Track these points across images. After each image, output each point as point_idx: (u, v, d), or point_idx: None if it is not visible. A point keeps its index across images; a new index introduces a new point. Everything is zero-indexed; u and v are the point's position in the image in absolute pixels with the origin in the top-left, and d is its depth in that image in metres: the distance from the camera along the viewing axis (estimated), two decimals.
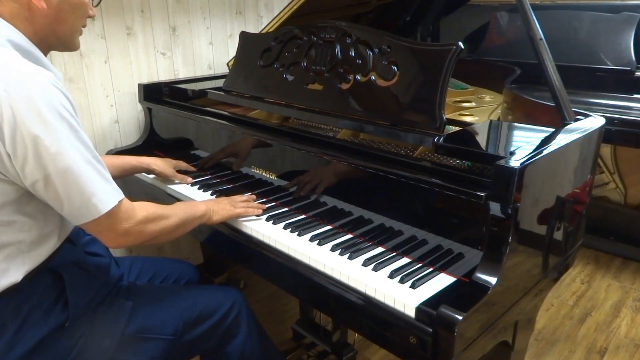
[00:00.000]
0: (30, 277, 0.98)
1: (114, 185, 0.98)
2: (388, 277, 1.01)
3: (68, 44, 1.05)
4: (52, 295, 1.02)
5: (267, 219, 1.29)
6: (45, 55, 1.01)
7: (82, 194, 0.92)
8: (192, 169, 1.63)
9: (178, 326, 1.16)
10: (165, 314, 1.16)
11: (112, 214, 0.96)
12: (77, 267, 1.07)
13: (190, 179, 1.55)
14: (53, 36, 1.00)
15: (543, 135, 1.10)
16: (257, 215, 1.30)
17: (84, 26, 1.06)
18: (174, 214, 1.12)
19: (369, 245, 1.14)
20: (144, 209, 1.05)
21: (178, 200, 1.50)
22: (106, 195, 0.95)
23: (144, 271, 1.35)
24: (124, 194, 1.02)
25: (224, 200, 1.31)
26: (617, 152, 2.49)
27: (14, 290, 0.96)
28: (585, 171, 1.21)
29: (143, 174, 1.67)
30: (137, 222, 1.02)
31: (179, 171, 1.58)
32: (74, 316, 1.04)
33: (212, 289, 1.35)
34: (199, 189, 1.51)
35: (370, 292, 0.99)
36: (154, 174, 1.56)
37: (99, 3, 1.11)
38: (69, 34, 1.03)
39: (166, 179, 1.56)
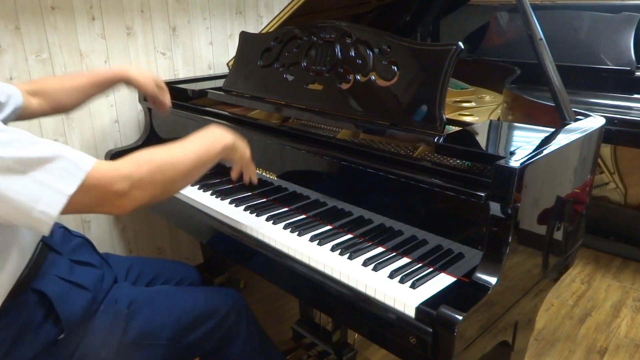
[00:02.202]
0: (13, 299, 0.94)
1: (59, 164, 0.77)
2: (388, 277, 1.01)
3: None
4: (41, 313, 0.98)
5: (267, 219, 1.29)
6: None
7: (24, 212, 0.76)
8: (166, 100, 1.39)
9: (175, 330, 1.13)
10: (162, 319, 1.14)
11: (85, 189, 0.79)
12: (64, 281, 1.02)
13: (168, 106, 1.36)
14: None
15: (543, 135, 1.10)
16: (256, 216, 1.31)
17: None
18: (183, 152, 0.95)
19: (369, 245, 1.14)
20: (132, 161, 0.87)
21: (178, 200, 1.50)
22: (50, 194, 0.76)
23: (144, 273, 1.33)
24: None
25: (243, 143, 1.15)
26: (617, 152, 2.49)
27: (2, 309, 0.92)
28: (585, 171, 1.21)
29: None
30: (127, 178, 0.84)
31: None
32: (68, 330, 1.00)
33: (211, 290, 1.32)
34: (199, 189, 1.50)
35: (370, 292, 0.99)
36: (132, 85, 1.32)
37: None
38: None
39: None
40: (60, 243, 1.08)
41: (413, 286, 0.97)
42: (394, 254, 1.09)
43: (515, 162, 0.91)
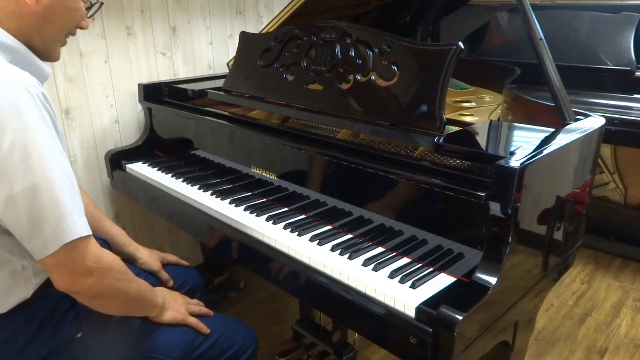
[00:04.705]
0: (43, 290, 0.96)
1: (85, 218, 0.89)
2: (388, 277, 1.01)
3: (49, 52, 0.98)
4: (65, 305, 1.01)
5: (267, 219, 1.29)
6: None
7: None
8: (183, 263, 1.46)
9: (188, 349, 1.11)
10: (177, 335, 1.12)
11: (76, 247, 0.86)
12: None
13: (172, 282, 1.36)
14: (37, 38, 0.93)
15: (543, 135, 1.10)
16: (256, 216, 1.30)
17: (73, 35, 1.01)
18: (137, 282, 1.03)
19: (369, 245, 1.14)
20: (112, 255, 0.96)
21: (178, 199, 1.50)
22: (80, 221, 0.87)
23: (150, 276, 1.33)
24: (125, 192, 0.99)
25: (179, 299, 1.19)
26: (617, 152, 2.49)
27: (25, 302, 0.95)
28: (585, 171, 1.21)
29: (142, 172, 1.67)
30: (102, 265, 0.91)
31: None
32: (86, 328, 1.02)
33: (229, 321, 1.26)
34: (199, 189, 1.51)
35: (370, 292, 0.99)
36: (136, 263, 1.35)
37: (93, 14, 1.05)
38: (53, 39, 0.96)
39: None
40: None
41: (413, 286, 0.97)
42: (394, 254, 1.09)
43: (515, 162, 0.91)
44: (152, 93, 1.85)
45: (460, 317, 0.84)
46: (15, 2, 0.89)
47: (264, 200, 1.40)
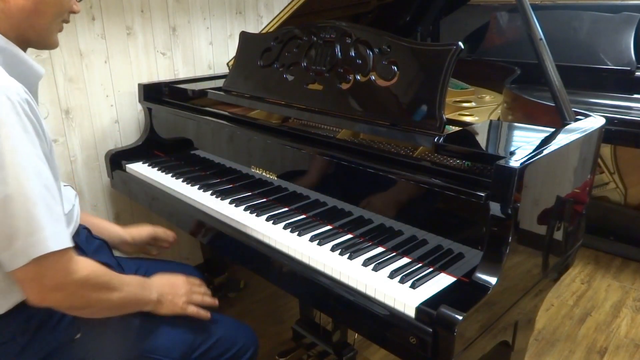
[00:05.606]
0: None
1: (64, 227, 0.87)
2: (388, 277, 1.01)
3: (46, 41, 0.96)
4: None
5: (267, 219, 1.29)
6: (24, 52, 0.94)
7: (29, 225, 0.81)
8: (169, 233, 1.46)
9: (187, 350, 1.10)
10: (177, 336, 1.11)
11: (46, 261, 0.83)
12: None
13: (167, 245, 1.40)
14: (31, 31, 0.92)
15: (543, 135, 1.10)
16: (256, 216, 1.31)
17: (67, 22, 0.99)
18: (121, 289, 0.98)
19: (369, 245, 1.14)
20: (90, 267, 0.92)
21: (178, 199, 1.50)
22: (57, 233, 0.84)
23: (150, 275, 1.33)
24: (125, 192, 0.97)
25: (181, 289, 1.15)
26: (617, 152, 2.49)
27: (23, 304, 0.94)
28: (585, 171, 1.21)
29: (142, 172, 1.67)
30: (75, 280, 0.88)
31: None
32: (85, 329, 1.02)
33: (229, 321, 1.25)
34: (199, 189, 1.51)
35: (370, 292, 0.99)
36: (130, 242, 1.36)
37: None
38: (47, 29, 0.94)
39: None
40: (85, 243, 1.09)
41: (413, 286, 0.97)
42: (394, 254, 1.09)
43: (515, 162, 0.91)
44: (152, 93, 1.85)
45: (460, 317, 0.84)
46: (3, 0, 0.87)
47: (264, 200, 1.40)
